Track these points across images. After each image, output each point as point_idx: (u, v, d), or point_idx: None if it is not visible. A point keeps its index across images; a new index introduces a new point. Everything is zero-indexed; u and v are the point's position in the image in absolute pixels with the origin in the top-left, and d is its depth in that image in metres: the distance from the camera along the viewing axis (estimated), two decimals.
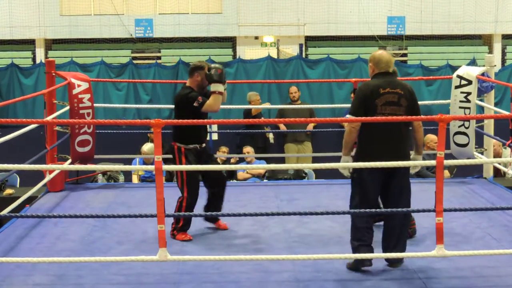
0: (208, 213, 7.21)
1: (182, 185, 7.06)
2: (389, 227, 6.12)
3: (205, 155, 7.24)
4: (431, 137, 10.29)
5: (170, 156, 7.09)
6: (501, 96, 15.20)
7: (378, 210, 6.15)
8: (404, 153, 6.02)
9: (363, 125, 6.00)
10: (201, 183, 7.22)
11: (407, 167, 6.08)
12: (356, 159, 6.12)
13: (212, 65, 7.12)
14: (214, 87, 7.05)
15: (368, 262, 5.99)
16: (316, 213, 6.34)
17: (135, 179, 10.82)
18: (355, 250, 6.03)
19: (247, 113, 12.88)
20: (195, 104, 6.95)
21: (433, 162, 5.72)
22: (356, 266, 6.01)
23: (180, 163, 7.06)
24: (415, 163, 6.15)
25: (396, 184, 6.06)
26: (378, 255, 6.06)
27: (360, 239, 6.03)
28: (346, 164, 6.08)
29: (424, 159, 10.05)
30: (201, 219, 7.45)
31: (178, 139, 7.08)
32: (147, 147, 10.94)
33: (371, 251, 6.02)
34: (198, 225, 7.34)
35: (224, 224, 7.34)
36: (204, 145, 7.23)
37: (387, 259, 6.09)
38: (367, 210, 5.92)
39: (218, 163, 7.22)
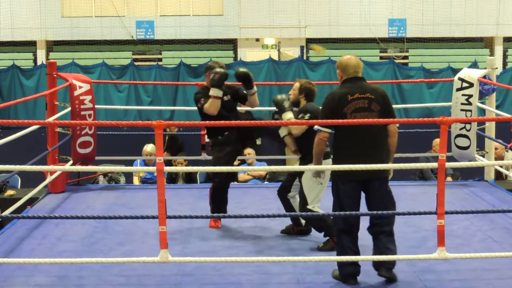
0: (205, 215, 7.23)
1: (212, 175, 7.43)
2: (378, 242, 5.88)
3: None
4: (438, 141, 10.28)
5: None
6: (502, 99, 15.23)
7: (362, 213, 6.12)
8: (380, 162, 5.71)
9: (335, 136, 5.82)
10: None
11: (385, 177, 5.83)
12: (332, 172, 5.95)
13: (214, 70, 7.20)
14: (212, 91, 7.25)
15: (353, 281, 5.81)
16: (317, 215, 6.33)
17: (136, 180, 10.82)
18: (340, 267, 5.88)
19: None
20: (198, 105, 7.19)
21: (434, 165, 5.72)
22: (341, 280, 5.85)
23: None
24: (386, 166, 5.76)
25: (375, 195, 5.82)
26: (379, 257, 6.06)
27: (344, 254, 5.82)
28: (320, 167, 6.04)
29: (429, 161, 10.10)
30: (203, 220, 7.46)
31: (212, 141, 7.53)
32: (149, 147, 10.94)
33: (358, 269, 5.84)
34: (199, 226, 7.34)
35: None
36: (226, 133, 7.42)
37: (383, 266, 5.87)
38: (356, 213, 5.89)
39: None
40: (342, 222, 5.88)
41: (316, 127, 5.84)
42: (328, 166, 6.19)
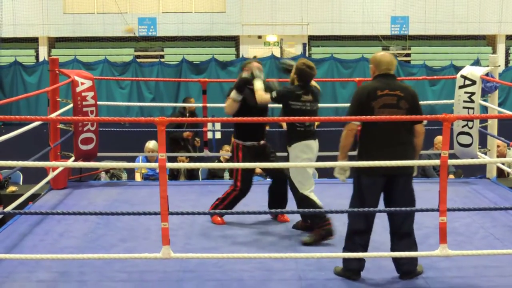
0: (207, 211, 7.24)
1: (236, 178, 7.33)
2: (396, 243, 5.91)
3: (264, 153, 7.40)
4: (440, 138, 10.28)
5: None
6: (505, 97, 15.23)
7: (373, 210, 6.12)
8: (406, 156, 5.74)
9: (362, 130, 5.85)
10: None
11: (410, 174, 5.85)
12: (356, 167, 5.91)
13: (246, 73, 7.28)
14: (231, 92, 7.32)
15: (357, 276, 5.84)
16: (319, 211, 6.33)
17: (138, 177, 10.83)
18: (345, 261, 5.89)
19: None
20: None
21: (437, 162, 5.71)
22: (344, 275, 5.88)
23: (237, 159, 7.34)
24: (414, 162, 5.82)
25: (397, 191, 5.84)
26: (382, 254, 6.07)
27: (351, 249, 5.84)
28: (347, 163, 5.96)
29: (431, 159, 10.09)
30: (205, 217, 7.46)
31: (236, 136, 7.39)
32: (151, 144, 10.95)
33: (362, 264, 5.86)
34: (202, 223, 7.35)
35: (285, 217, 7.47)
36: (262, 142, 7.43)
37: (398, 271, 5.89)
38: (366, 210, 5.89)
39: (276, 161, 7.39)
40: (362, 220, 5.86)
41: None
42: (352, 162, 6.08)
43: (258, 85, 7.12)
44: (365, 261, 5.87)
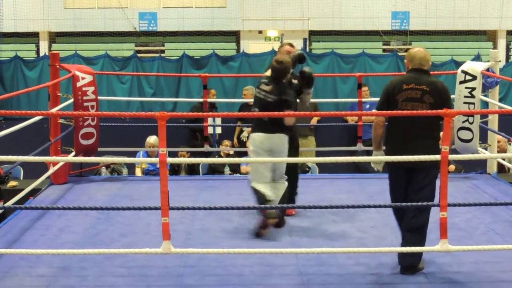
0: (207, 206, 7.24)
1: None
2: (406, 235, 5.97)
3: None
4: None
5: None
6: (505, 92, 15.21)
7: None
8: (427, 150, 5.80)
9: (388, 122, 6.05)
10: None
11: (429, 168, 5.86)
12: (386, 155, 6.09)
13: None
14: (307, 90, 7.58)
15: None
16: (320, 207, 6.33)
17: (138, 172, 10.82)
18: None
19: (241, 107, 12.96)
20: None
21: (437, 157, 5.71)
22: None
23: None
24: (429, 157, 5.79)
25: (416, 182, 5.92)
26: (386, 249, 6.07)
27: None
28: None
29: None
30: (206, 212, 7.47)
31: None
32: (152, 139, 10.95)
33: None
34: (202, 218, 7.35)
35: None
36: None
37: (400, 264, 5.92)
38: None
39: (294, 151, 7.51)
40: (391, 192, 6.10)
41: (373, 111, 6.20)
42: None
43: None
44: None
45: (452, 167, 10.48)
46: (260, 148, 6.95)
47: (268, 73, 7.27)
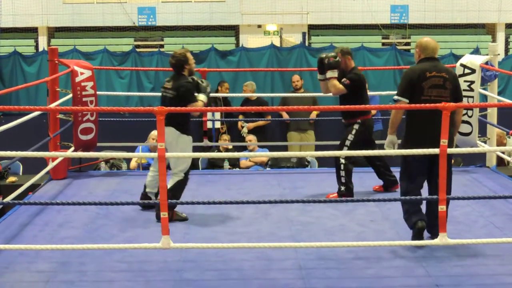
0: (206, 201, 7.28)
1: None
2: (430, 210, 6.32)
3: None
4: None
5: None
6: (504, 85, 15.19)
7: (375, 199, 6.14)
8: (450, 135, 6.14)
9: (407, 112, 6.34)
10: None
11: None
12: (405, 140, 6.40)
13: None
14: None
15: (420, 223, 6.26)
16: (319, 201, 6.36)
17: (133, 164, 10.76)
18: (411, 224, 6.32)
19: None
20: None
21: (436, 150, 5.72)
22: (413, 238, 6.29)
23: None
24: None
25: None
26: (385, 243, 6.08)
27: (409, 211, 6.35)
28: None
29: None
30: (205, 206, 7.47)
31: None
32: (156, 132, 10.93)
33: (424, 217, 6.29)
34: (201, 213, 7.35)
35: None
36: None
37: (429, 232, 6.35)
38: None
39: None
40: (412, 188, 6.33)
41: (395, 97, 6.43)
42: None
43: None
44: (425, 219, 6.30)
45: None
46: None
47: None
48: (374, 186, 8.28)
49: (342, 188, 7.86)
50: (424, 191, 6.46)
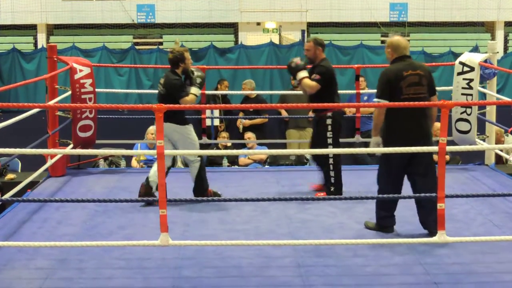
0: (205, 198, 7.28)
1: None
2: (421, 206, 6.48)
3: None
4: (437, 125, 10.26)
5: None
6: (503, 83, 15.20)
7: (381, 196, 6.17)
8: (427, 131, 6.43)
9: (388, 107, 6.39)
10: None
11: (430, 144, 6.35)
12: (385, 138, 6.46)
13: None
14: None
15: (391, 229, 6.55)
16: (318, 199, 6.34)
17: (134, 162, 10.78)
18: (380, 219, 6.58)
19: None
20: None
21: (435, 148, 5.73)
22: (378, 229, 6.59)
23: None
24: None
25: (420, 163, 6.39)
26: (384, 241, 6.08)
27: (386, 209, 6.54)
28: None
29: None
30: (203, 203, 7.48)
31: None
32: (154, 128, 10.93)
33: (393, 221, 6.56)
34: (200, 210, 7.36)
35: None
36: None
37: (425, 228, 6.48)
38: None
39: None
40: (390, 187, 6.45)
41: (375, 99, 6.53)
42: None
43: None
44: (395, 217, 6.56)
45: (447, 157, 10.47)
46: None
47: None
48: (313, 184, 8.21)
49: (332, 188, 7.84)
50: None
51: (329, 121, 7.82)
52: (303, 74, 7.88)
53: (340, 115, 7.97)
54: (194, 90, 7.59)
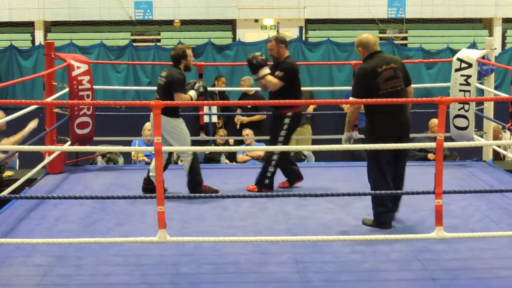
0: (202, 194, 7.33)
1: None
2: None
3: None
4: (435, 121, 10.27)
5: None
6: (501, 79, 15.20)
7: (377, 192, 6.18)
8: (409, 118, 6.66)
9: (369, 104, 6.46)
10: None
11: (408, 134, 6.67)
12: (370, 133, 6.62)
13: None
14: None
15: (389, 225, 6.62)
16: (316, 195, 6.34)
17: (134, 157, 10.76)
18: (378, 216, 6.62)
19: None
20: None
21: (433, 144, 5.73)
22: (377, 225, 6.64)
23: None
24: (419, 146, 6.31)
25: (404, 152, 6.70)
26: (381, 237, 6.09)
27: (383, 205, 6.58)
28: (347, 146, 6.55)
29: (426, 142, 10.09)
30: (201, 200, 7.48)
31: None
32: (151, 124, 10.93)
33: (393, 215, 6.70)
34: (198, 206, 7.36)
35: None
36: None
37: None
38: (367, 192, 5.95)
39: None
40: (383, 181, 6.56)
41: (351, 98, 6.63)
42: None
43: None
44: (393, 213, 6.70)
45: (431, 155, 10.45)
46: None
47: None
48: (279, 183, 8.22)
49: (267, 181, 7.92)
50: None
51: (287, 121, 7.84)
52: (266, 70, 7.87)
53: (298, 116, 7.99)
54: (191, 92, 7.66)
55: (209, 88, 9.93)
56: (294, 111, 7.84)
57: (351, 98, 6.62)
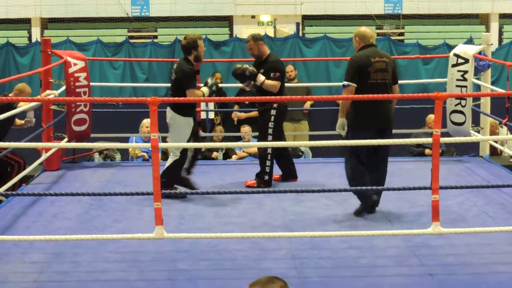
0: (200, 191, 7.32)
1: None
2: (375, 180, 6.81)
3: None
4: (432, 117, 10.27)
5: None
6: (497, 75, 15.22)
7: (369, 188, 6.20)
8: (392, 113, 6.87)
9: (357, 91, 6.70)
10: None
11: (391, 129, 6.85)
12: (353, 120, 6.78)
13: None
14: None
15: (374, 197, 6.80)
16: (313, 191, 6.35)
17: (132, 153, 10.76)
18: (362, 200, 6.82)
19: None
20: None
21: (429, 140, 5.73)
22: (363, 209, 6.85)
23: None
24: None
25: (386, 148, 6.84)
26: (378, 233, 6.09)
27: (357, 180, 6.76)
28: (342, 142, 6.52)
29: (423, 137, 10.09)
30: (198, 196, 7.49)
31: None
32: (148, 121, 10.93)
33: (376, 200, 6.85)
34: (195, 203, 7.36)
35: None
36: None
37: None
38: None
39: None
40: (358, 170, 6.79)
41: (344, 82, 6.80)
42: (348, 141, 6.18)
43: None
44: (377, 197, 6.83)
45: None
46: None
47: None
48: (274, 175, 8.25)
49: (266, 177, 7.94)
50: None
51: (273, 112, 7.92)
52: (261, 77, 7.93)
53: (284, 107, 8.06)
54: (204, 89, 7.64)
55: None
56: (279, 102, 7.88)
57: (344, 83, 6.78)
